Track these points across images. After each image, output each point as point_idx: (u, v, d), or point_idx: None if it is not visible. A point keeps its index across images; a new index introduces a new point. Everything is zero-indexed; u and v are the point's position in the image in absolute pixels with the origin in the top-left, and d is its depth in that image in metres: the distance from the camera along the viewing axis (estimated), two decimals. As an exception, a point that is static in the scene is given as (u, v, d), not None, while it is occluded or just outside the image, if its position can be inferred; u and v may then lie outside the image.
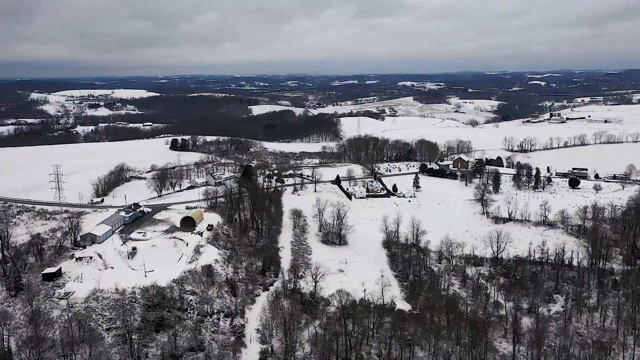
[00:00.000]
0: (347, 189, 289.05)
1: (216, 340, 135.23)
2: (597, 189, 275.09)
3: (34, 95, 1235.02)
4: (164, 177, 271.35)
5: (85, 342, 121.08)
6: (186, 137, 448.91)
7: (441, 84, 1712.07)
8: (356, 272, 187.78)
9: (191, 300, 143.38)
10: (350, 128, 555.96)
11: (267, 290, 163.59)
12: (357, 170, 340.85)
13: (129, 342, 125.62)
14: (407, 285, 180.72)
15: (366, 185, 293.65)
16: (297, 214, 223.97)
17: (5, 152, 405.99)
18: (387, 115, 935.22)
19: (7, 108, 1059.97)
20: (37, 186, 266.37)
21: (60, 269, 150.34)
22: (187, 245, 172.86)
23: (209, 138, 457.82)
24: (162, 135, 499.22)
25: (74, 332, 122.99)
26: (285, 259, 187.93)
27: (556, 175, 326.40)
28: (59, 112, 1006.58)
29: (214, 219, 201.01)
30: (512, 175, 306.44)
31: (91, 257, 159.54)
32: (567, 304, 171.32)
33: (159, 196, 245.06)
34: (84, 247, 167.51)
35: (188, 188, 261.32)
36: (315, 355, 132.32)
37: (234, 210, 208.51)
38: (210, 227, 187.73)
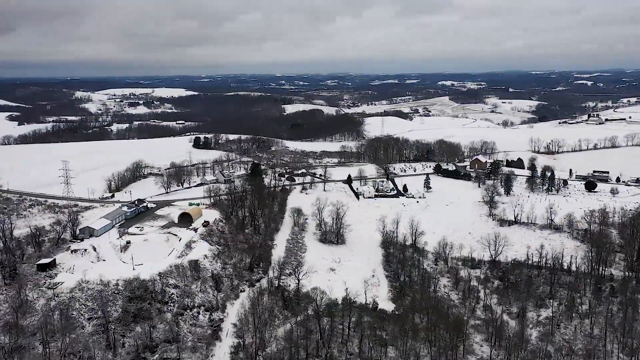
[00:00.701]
0: (357, 188, 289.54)
1: (193, 333, 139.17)
2: (614, 192, 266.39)
3: (78, 94, 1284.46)
4: (177, 175, 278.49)
5: (66, 330, 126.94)
6: (208, 136, 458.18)
7: (482, 83, 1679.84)
8: (348, 271, 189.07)
9: (172, 293, 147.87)
10: (375, 128, 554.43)
11: (253, 286, 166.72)
12: (373, 170, 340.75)
13: (107, 331, 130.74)
14: (397, 285, 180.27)
15: (376, 186, 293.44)
16: (297, 212, 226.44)
17: (37, 147, 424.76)
18: (419, 115, 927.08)
19: (52, 106, 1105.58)
20: (59, 181, 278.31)
21: (54, 260, 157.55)
22: (179, 240, 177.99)
23: (231, 136, 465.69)
24: (188, 134, 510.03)
25: (56, 320, 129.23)
26: (278, 256, 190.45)
27: (576, 178, 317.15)
28: (100, 110, 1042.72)
29: (213, 215, 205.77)
30: (526, 178, 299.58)
31: (85, 250, 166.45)
32: (558, 309, 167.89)
33: (167, 192, 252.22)
34: (82, 240, 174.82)
35: (197, 185, 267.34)
36: (287, 352, 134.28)
37: (233, 207, 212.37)
38: (206, 224, 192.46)
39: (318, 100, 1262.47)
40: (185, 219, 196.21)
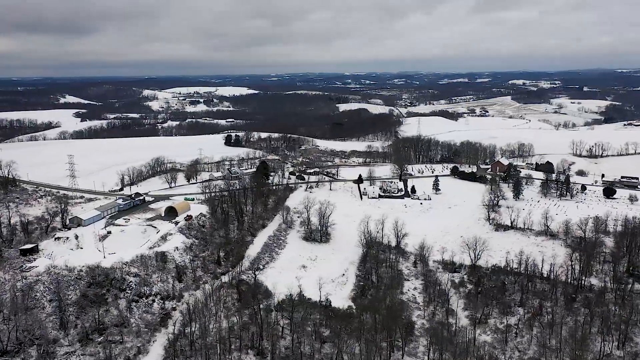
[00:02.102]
0: (365, 189, 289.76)
1: (142, 319, 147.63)
2: (632, 199, 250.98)
3: (146, 92, 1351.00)
4: (189, 171, 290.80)
5: (25, 309, 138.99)
6: (240, 134, 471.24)
7: (556, 82, 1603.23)
8: (320, 269, 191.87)
9: (131, 281, 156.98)
10: (414, 128, 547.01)
11: (217, 279, 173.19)
12: (389, 170, 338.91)
13: (61, 312, 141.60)
14: (361, 285, 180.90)
15: (384, 186, 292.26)
16: (287, 210, 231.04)
17: (82, 143, 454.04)
18: (475, 115, 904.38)
19: (120, 104, 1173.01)
20: (85, 173, 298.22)
21: (37, 245, 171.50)
22: (157, 232, 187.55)
23: (263, 134, 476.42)
24: (227, 132, 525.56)
25: (19, 300, 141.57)
26: (253, 251, 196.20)
27: (602, 183, 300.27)
28: (162, 107, 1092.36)
29: (201, 210, 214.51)
30: (541, 182, 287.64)
31: (67, 238, 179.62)
32: (524, 317, 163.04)
33: (170, 187, 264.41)
34: (69, 229, 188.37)
35: (204, 181, 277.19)
36: (226, 342, 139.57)
37: (220, 203, 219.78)
38: (188, 218, 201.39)
39: (376, 100, 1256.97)
40: (172, 213, 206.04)
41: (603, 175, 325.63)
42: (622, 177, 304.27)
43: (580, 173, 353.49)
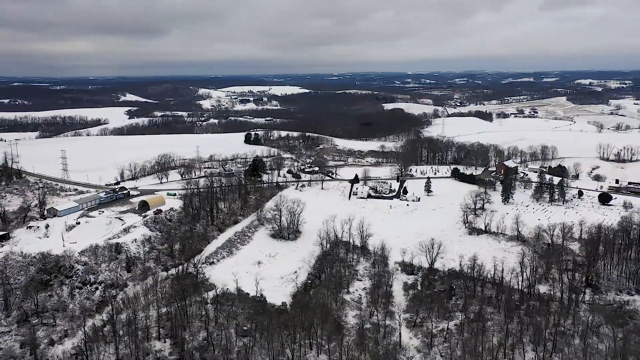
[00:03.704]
0: (357, 188, 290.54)
1: (81, 305, 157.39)
2: (627, 206, 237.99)
3: (201, 91, 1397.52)
4: (190, 167, 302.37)
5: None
6: (259, 132, 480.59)
7: (626, 82, 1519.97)
8: (275, 265, 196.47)
9: (78, 269, 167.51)
10: (438, 128, 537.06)
11: (167, 270, 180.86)
12: (390, 171, 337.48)
13: (6, 296, 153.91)
14: (308, 282, 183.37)
15: (377, 187, 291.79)
16: (262, 207, 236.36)
17: (113, 139, 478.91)
18: (522, 116, 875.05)
19: (176, 102, 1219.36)
20: (103, 167, 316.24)
21: (7, 233, 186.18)
22: (122, 224, 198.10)
23: (283, 133, 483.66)
24: (254, 130, 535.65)
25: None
26: (213, 246, 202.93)
27: (609, 189, 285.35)
28: (212, 106, 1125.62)
29: (175, 204, 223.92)
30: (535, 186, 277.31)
31: (38, 227, 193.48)
32: (461, 322, 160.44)
33: (160, 183, 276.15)
34: (45, 219, 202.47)
35: (200, 177, 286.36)
36: (152, 330, 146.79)
37: (191, 199, 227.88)
38: (157, 212, 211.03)
39: (425, 100, 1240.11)
40: (145, 206, 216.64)
41: (617, 181, 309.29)
42: (629, 183, 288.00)
43: (597, 178, 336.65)
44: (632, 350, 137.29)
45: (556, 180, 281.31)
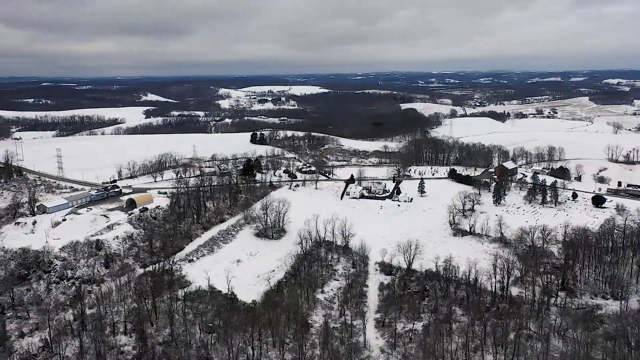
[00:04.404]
0: (350, 188, 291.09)
1: (56, 299, 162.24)
2: (619, 209, 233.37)
3: (221, 91, 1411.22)
4: (188, 166, 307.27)
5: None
6: (265, 132, 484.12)
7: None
8: (253, 264, 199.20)
9: (57, 264, 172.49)
10: (452, 128, 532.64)
11: (145, 267, 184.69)
12: (387, 171, 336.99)
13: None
14: (283, 281, 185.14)
15: (372, 187, 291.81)
16: (250, 206, 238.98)
17: (124, 138, 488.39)
18: (540, 116, 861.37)
19: (195, 102, 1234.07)
20: (106, 165, 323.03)
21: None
22: (106, 221, 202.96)
23: (289, 133, 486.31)
24: (257, 130, 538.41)
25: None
26: (195, 244, 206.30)
27: (607, 191, 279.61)
28: (231, 106, 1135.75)
29: (162, 203, 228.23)
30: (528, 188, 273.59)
31: (25, 223, 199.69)
32: (429, 324, 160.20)
33: (155, 181, 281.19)
34: (34, 215, 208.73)
35: (194, 176, 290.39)
36: (120, 325, 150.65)
37: (178, 198, 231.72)
38: (143, 210, 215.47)
39: (445, 100, 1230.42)
40: (132, 204, 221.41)
41: (619, 183, 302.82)
42: (629, 186, 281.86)
43: (601, 180, 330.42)
44: (597, 355, 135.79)
45: (558, 182, 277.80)
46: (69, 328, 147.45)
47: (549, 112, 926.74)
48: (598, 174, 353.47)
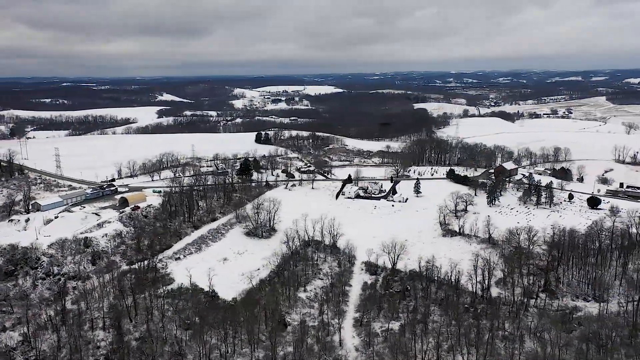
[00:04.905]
0: (347, 188, 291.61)
1: (41, 295, 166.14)
2: (613, 211, 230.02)
3: (236, 91, 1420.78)
4: (187, 166, 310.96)
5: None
6: (269, 132, 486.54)
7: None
8: (240, 262, 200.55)
9: (44, 261, 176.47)
10: (460, 129, 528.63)
11: (132, 264, 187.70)
12: (385, 171, 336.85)
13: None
14: (266, 280, 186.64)
15: (369, 187, 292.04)
16: (242, 206, 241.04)
17: (132, 137, 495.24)
18: (554, 116, 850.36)
19: (209, 102, 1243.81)
20: (107, 165, 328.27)
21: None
22: (97, 219, 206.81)
23: (293, 133, 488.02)
24: (262, 130, 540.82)
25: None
26: (184, 242, 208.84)
27: (606, 193, 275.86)
28: (244, 106, 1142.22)
29: (154, 202, 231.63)
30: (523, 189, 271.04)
31: (19, 220, 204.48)
32: (405, 323, 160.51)
33: (152, 180, 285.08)
34: (29, 213, 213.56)
35: (191, 176, 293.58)
36: (99, 320, 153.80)
37: (170, 196, 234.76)
38: (135, 208, 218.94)
39: (459, 100, 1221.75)
40: (124, 203, 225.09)
41: (621, 185, 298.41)
42: (628, 187, 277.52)
43: (604, 181, 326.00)
44: (570, 357, 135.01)
45: (555, 182, 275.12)
46: (50, 323, 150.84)
47: (564, 112, 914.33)
48: (603, 175, 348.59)
